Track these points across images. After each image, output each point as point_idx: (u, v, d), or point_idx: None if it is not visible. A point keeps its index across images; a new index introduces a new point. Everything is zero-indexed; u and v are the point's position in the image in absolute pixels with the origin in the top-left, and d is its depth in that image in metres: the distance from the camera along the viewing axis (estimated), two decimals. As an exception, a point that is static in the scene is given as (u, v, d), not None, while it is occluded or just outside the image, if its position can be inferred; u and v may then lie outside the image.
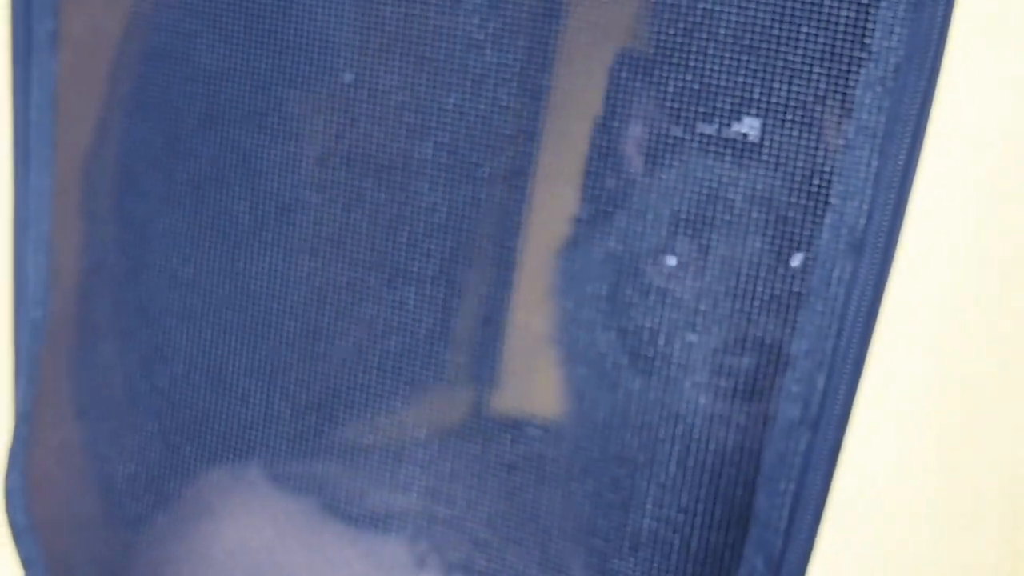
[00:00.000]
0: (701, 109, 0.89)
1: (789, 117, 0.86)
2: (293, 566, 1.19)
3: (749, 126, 0.88)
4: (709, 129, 0.89)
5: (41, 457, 1.13)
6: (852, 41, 0.83)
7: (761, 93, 0.87)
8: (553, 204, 1.02)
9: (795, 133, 0.86)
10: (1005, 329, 0.83)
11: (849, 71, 0.83)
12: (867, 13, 0.82)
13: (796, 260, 0.90)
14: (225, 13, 1.02)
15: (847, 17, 0.82)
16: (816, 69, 0.84)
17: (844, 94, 0.83)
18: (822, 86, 0.84)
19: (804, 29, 0.84)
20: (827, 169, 0.85)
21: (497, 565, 1.13)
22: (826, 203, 0.84)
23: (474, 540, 1.14)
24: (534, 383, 1.13)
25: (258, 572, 1.19)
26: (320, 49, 0.98)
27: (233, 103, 1.04)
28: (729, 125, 0.89)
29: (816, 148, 0.86)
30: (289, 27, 1.00)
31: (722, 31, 0.86)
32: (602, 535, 0.97)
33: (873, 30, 0.81)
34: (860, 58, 0.82)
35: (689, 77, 0.88)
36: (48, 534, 1.14)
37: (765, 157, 0.88)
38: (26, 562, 1.14)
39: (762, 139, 0.88)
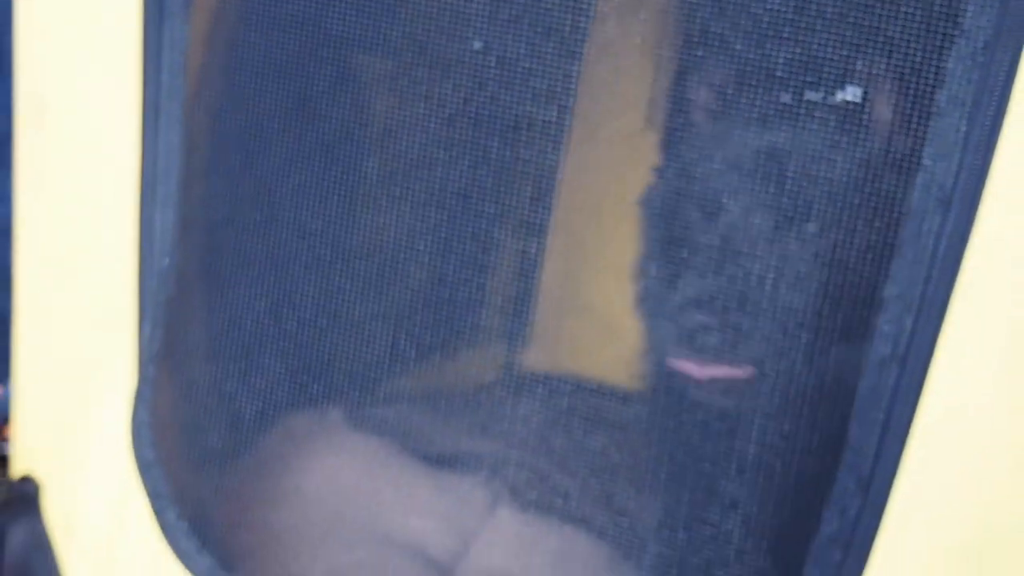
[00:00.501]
0: (808, 78, 0.99)
1: (887, 87, 0.97)
2: (380, 502, 1.27)
3: (852, 94, 0.99)
4: (815, 96, 1.00)
5: (168, 396, 1.20)
6: (947, 20, 0.91)
7: (863, 65, 0.97)
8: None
9: (892, 101, 0.97)
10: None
11: (943, 46, 0.92)
12: (961, -4, 0.92)
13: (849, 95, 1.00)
14: (357, -18, 1.09)
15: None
16: (913, 44, 0.94)
17: (938, 67, 0.93)
18: (918, 59, 0.95)
19: (904, 9, 0.94)
20: (920, 134, 0.94)
21: (574, 506, 1.22)
22: (919, 164, 0.94)
23: (548, 481, 1.23)
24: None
25: (348, 508, 1.27)
26: (451, 19, 1.06)
27: (364, 68, 1.12)
28: (833, 93, 0.99)
29: (911, 114, 0.96)
30: (421, -3, 1.08)
31: (829, 9, 0.96)
32: (710, 459, 1.06)
33: (966, 11, 0.89)
34: (953, 35, 0.91)
35: (799, 50, 0.98)
36: (175, 468, 1.20)
37: (865, 122, 0.99)
38: (152, 494, 1.20)
39: (863, 106, 0.98)
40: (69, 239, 1.23)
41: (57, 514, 1.30)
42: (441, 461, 1.26)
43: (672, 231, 1.08)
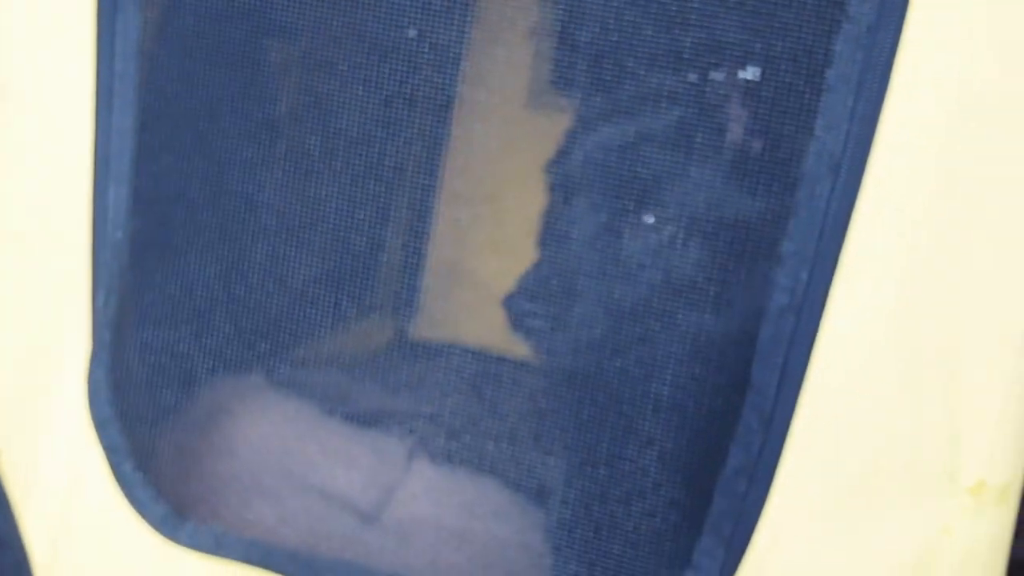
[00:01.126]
0: (713, 59, 1.09)
1: (783, 67, 1.06)
2: (310, 460, 1.35)
3: (752, 73, 1.09)
4: (719, 76, 1.10)
5: (124, 357, 1.25)
6: (834, 7, 1.00)
7: (761, 47, 1.05)
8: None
9: (788, 79, 1.07)
10: (954, 233, 1.02)
11: (831, 30, 1.00)
12: (847, -15, 1.01)
13: (749, 74, 1.10)
14: (299, -24, 1.16)
15: (832, -12, 1.02)
16: (805, 28, 1.02)
17: (827, 48, 1.02)
18: (810, 41, 1.03)
19: (796, -2, 1.04)
20: (813, 108, 1.03)
21: (492, 456, 1.31)
22: (811, 134, 1.02)
23: (461, 436, 1.32)
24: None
25: (282, 465, 1.35)
26: (387, 9, 1.13)
27: (307, 54, 1.19)
28: (735, 73, 1.10)
29: (804, 90, 1.06)
30: (359, -10, 1.15)
31: (731, -2, 1.07)
32: (628, 402, 1.16)
33: (851, -1, 1.00)
34: (840, 20, 0.99)
35: (703, 34, 1.08)
36: (131, 424, 1.25)
37: (764, 97, 1.09)
38: (109, 449, 1.25)
39: (761, 83, 1.09)
40: (25, 214, 1.28)
41: (13, 474, 1.35)
42: (361, 420, 1.35)
43: (587, 195, 1.17)
